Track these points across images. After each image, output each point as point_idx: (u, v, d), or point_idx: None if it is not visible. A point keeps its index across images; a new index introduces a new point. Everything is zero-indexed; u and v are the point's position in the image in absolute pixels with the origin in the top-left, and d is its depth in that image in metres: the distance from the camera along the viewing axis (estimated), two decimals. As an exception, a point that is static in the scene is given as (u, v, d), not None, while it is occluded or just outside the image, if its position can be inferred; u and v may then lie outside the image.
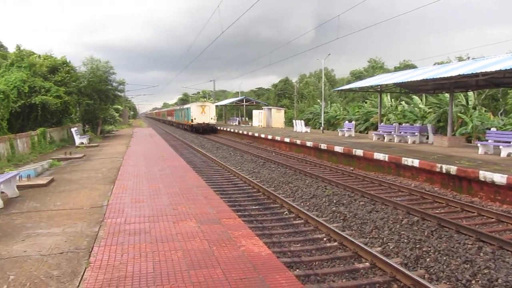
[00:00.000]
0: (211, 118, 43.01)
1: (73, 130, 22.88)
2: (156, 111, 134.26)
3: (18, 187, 9.07)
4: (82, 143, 22.10)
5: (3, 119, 17.31)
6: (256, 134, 30.35)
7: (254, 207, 10.09)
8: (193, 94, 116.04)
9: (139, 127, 53.58)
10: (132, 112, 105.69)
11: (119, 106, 49.02)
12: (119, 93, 31.24)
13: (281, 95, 74.50)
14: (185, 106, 49.67)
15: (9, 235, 5.79)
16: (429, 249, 7.00)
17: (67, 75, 25.19)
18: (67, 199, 8.18)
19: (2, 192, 8.18)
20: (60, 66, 25.39)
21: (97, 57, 28.34)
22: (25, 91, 21.02)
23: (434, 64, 40.42)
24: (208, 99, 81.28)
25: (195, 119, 42.51)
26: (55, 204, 7.79)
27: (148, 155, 16.70)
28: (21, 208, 7.53)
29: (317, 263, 6.46)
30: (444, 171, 11.98)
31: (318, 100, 49.90)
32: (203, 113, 42.54)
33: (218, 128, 43.58)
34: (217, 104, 65.71)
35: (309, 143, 21.21)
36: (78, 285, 4.06)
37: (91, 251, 5.04)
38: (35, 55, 25.76)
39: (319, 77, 68.50)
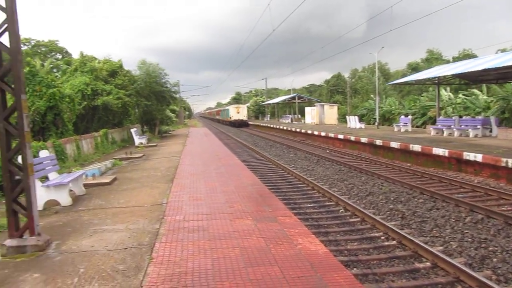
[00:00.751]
0: (244, 116, 59.99)
1: (132, 130, 23.91)
2: (209, 111, 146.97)
3: (85, 185, 9.61)
4: (141, 143, 23.04)
5: (69, 122, 18.38)
6: (309, 132, 30.12)
7: (309, 205, 10.02)
8: (245, 93, 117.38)
9: (194, 127, 54.95)
10: (187, 112, 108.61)
11: (175, 107, 50.56)
12: (174, 94, 32.39)
13: (334, 91, 73.47)
14: (226, 108, 69.61)
15: (78, 231, 6.15)
16: (495, 248, 6.61)
17: (125, 77, 26.52)
18: (129, 197, 8.55)
19: (71, 190, 8.72)
20: (118, 70, 26.79)
21: (150, 61, 29.82)
22: (88, 94, 22.32)
23: (497, 52, 38.04)
24: (261, 97, 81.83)
25: (232, 116, 59.59)
26: (118, 201, 8.18)
27: (203, 154, 17.09)
28: (87, 205, 7.98)
29: (375, 262, 6.28)
30: (510, 165, 11.28)
31: (372, 95, 48.65)
32: (238, 113, 59.87)
33: (270, 126, 44.78)
34: (269, 102, 66.29)
35: (363, 139, 20.76)
36: (142, 280, 4.23)
37: (153, 247, 5.24)
38: (96, 60, 27.25)
39: (372, 71, 66.72)
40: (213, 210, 7.06)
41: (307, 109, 46.74)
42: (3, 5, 5.09)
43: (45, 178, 8.61)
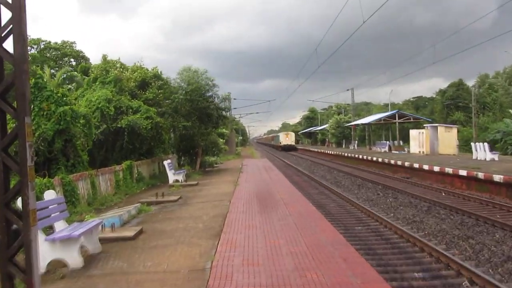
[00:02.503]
0: (292, 141, 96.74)
1: (166, 163, 24.63)
2: (266, 136, 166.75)
3: (101, 239, 9.91)
4: (178, 180, 23.63)
5: (84, 150, 19.29)
6: (416, 165, 29.41)
7: (416, 275, 9.69)
8: (322, 109, 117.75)
9: (250, 157, 55.61)
10: (241, 137, 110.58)
11: (224, 130, 51.61)
12: (224, 112, 33.05)
13: (452, 106, 71.47)
14: (277, 134, 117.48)
15: (91, 305, 6.32)
16: None
17: (159, 91, 27.61)
18: (159, 258, 8.72)
19: (82, 247, 8.99)
20: (151, 80, 27.95)
21: (194, 66, 30.68)
22: (110, 113, 23.39)
23: None
24: (345, 115, 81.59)
25: (281, 142, 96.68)
26: (145, 264, 8.37)
27: (263, 196, 17.16)
28: (104, 268, 8.23)
29: None
30: None
31: (511, 111, 46.87)
32: (287, 138, 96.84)
33: (358, 156, 45.28)
34: (357, 123, 65.94)
35: (497, 177, 19.94)
36: None
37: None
38: (123, 67, 28.67)
39: (510, 77, 64.36)
40: (276, 280, 7.00)
41: (413, 133, 45.81)
42: (9, 0, 5.21)
43: (49, 229, 8.97)
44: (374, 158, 39.46)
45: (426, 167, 27.90)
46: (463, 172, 23.21)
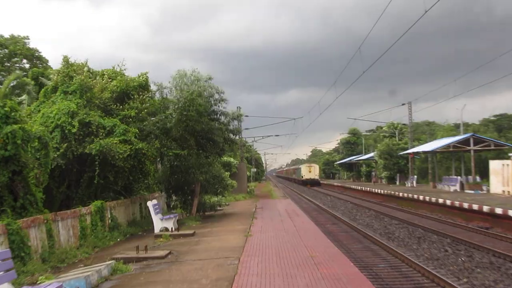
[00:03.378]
0: (315, 175, 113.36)
1: (150, 204, 24.49)
2: (286, 168, 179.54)
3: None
4: (166, 228, 23.54)
5: (38, 186, 19.22)
6: (498, 210, 29.12)
7: None
8: (368, 131, 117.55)
9: (267, 197, 55.41)
10: (254, 169, 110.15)
11: (231, 159, 51.44)
12: (232, 135, 32.83)
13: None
14: (299, 167, 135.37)
15: None
16: None
17: (144, 105, 27.44)
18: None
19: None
20: (134, 92, 27.70)
21: (192, 71, 29.96)
22: (72, 131, 23.09)
23: None
24: (400, 140, 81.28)
25: (304, 175, 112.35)
26: None
27: (285, 252, 17.00)
28: None
29: None
30: None
31: None
32: (309, 172, 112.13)
33: (416, 197, 45.40)
34: (416, 150, 65.71)
35: None
36: None
37: None
38: (92, 72, 28.63)
39: None
40: None
41: (494, 165, 45.32)
42: None
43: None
44: (441, 200, 39.09)
45: (513, 213, 27.64)
46: None
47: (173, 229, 23.70)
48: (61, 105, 23.76)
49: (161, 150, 28.19)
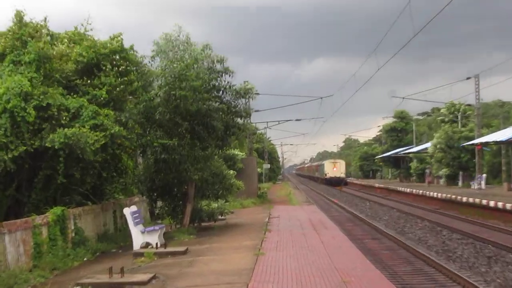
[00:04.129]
0: (342, 173, 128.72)
1: (128, 212, 24.22)
2: (308, 164, 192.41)
3: None
4: (150, 244, 23.26)
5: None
6: None
7: None
8: (421, 114, 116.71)
9: (284, 202, 55.46)
10: (268, 165, 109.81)
11: (236, 152, 51.11)
12: (239, 120, 32.05)
13: None
14: (321, 163, 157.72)
15: None
16: None
17: (121, 79, 26.70)
18: None
19: None
20: (105, 61, 27.04)
21: (184, 34, 29.24)
22: (28, 121, 22.61)
23: None
24: (463, 126, 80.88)
25: (327, 173, 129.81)
26: None
27: (308, 278, 16.75)
28: None
29: None
30: None
31: None
32: (334, 169, 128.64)
33: (484, 203, 45.80)
34: (485, 140, 65.38)
35: None
36: None
37: None
38: (52, 35, 28.17)
39: None
40: None
41: None
42: None
43: None
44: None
45: None
46: None
47: (159, 245, 23.46)
48: (10, 82, 22.87)
49: (143, 142, 27.31)
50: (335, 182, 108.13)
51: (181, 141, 28.25)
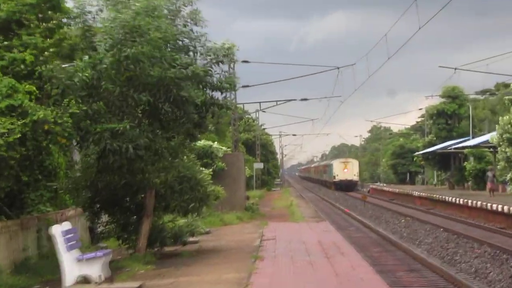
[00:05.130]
0: (354, 174, 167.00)
1: (57, 231, 24.26)
2: (315, 164, 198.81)
3: None
4: (87, 280, 23.33)
5: None
6: None
7: None
8: (480, 92, 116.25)
9: (282, 217, 55.67)
10: (261, 164, 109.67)
11: (216, 146, 51.47)
12: (221, 97, 31.78)
13: None
14: (330, 162, 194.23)
15: None
16: None
17: (52, 40, 26.75)
18: None
19: None
20: (29, 15, 27.08)
21: None
22: None
23: None
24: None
25: (336, 175, 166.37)
26: None
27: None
28: None
29: None
30: None
31: None
32: (345, 170, 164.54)
33: None
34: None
35: None
36: None
37: None
38: None
39: None
40: None
41: None
42: None
43: None
44: None
45: None
46: None
47: (102, 280, 23.55)
48: None
49: (80, 125, 26.09)
50: (346, 186, 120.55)
51: (136, 127, 27.09)
